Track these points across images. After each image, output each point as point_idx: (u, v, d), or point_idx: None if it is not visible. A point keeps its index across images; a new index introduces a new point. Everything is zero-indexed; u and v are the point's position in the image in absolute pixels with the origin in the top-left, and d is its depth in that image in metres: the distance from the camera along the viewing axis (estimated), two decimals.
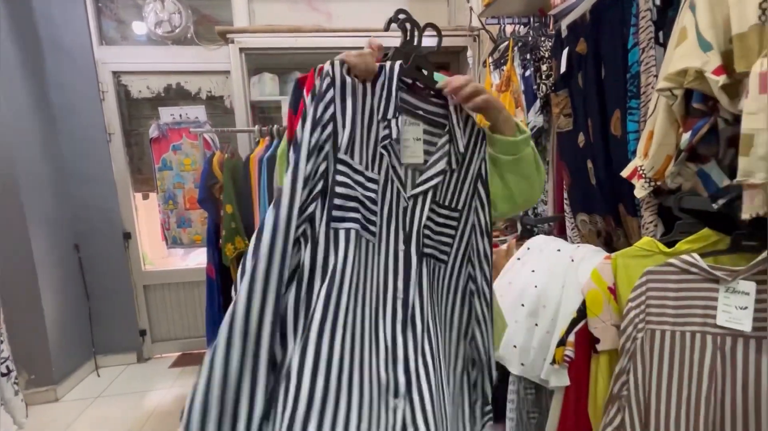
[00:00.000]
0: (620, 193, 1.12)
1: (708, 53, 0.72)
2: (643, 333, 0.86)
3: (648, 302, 0.88)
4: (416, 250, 0.70)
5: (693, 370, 0.79)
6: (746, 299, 0.75)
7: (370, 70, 0.64)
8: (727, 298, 0.78)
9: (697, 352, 0.78)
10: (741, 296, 0.76)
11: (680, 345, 0.81)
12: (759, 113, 0.60)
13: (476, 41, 2.31)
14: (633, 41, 1.00)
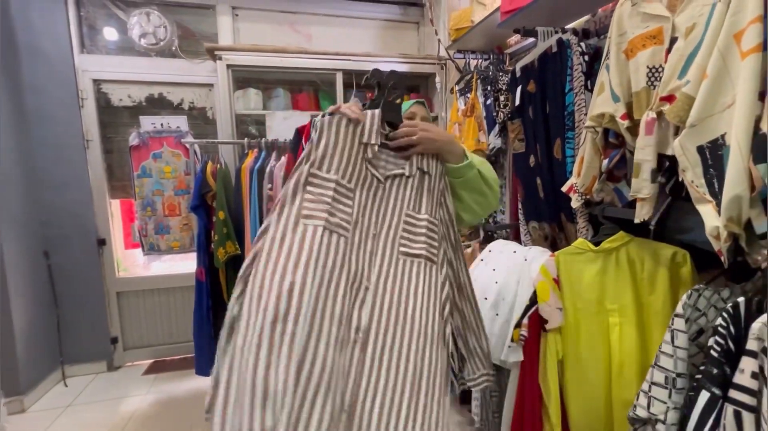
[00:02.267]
0: (561, 205, 1.40)
1: (617, 104, 1.00)
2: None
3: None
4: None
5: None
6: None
7: (359, 118, 0.85)
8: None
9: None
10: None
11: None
12: (645, 148, 0.87)
13: (443, 69, 2.60)
14: (569, 86, 1.28)
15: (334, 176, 0.82)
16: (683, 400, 0.79)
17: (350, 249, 0.81)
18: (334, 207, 0.81)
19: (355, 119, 0.84)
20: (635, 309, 1.14)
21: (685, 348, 0.79)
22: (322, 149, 0.82)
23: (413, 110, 1.16)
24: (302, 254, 0.74)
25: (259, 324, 0.69)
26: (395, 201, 0.89)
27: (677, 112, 0.79)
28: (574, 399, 1.25)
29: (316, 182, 0.81)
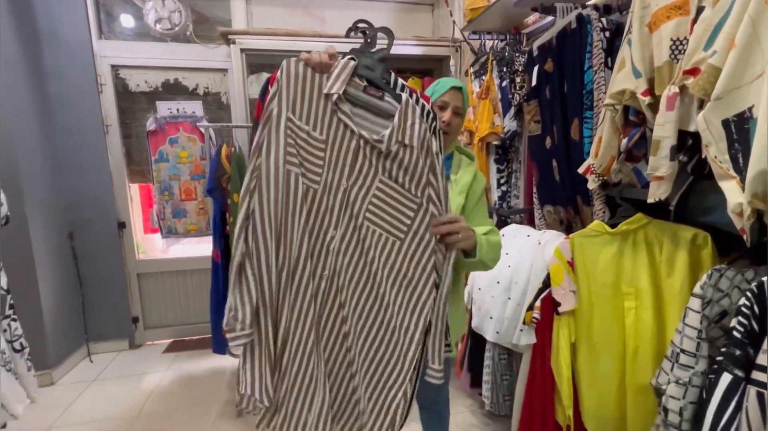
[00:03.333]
0: (578, 187, 1.37)
1: (638, 79, 0.96)
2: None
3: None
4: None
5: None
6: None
7: (324, 65, 0.81)
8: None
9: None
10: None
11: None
12: (666, 124, 0.84)
13: (458, 51, 2.54)
14: (588, 64, 1.24)
15: (306, 126, 0.84)
16: (688, 378, 0.78)
17: (319, 200, 0.86)
18: (305, 157, 0.85)
19: (317, 64, 0.81)
20: (652, 293, 1.12)
21: (694, 327, 0.78)
22: (292, 95, 0.82)
23: (446, 99, 1.09)
24: (289, 201, 0.84)
25: (269, 259, 0.85)
26: (370, 164, 0.86)
27: (702, 85, 0.76)
28: (586, 383, 1.24)
29: (292, 127, 0.83)
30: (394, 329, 0.90)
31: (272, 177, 0.83)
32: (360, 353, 0.91)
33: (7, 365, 1.48)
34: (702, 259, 1.04)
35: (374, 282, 0.89)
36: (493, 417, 1.83)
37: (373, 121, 0.86)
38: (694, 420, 0.78)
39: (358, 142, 0.85)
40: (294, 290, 0.87)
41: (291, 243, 0.85)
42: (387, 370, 0.91)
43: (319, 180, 0.86)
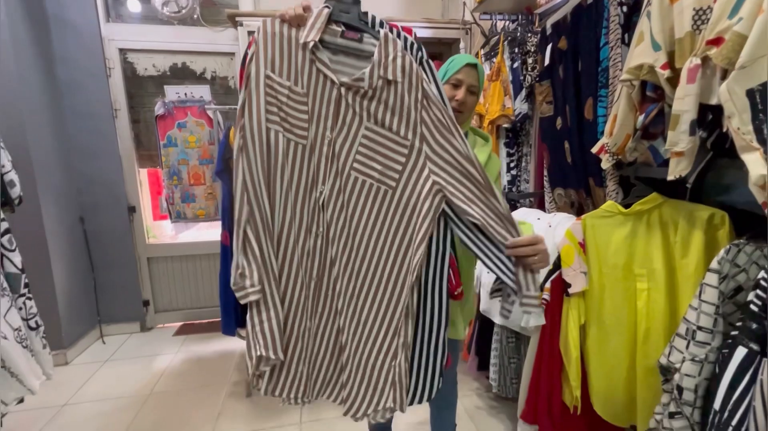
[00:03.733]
0: (590, 169, 1.34)
1: (658, 52, 0.93)
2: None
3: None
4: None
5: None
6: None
7: (299, 17, 0.81)
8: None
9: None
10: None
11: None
12: (685, 98, 0.81)
13: (468, 34, 2.49)
14: (604, 40, 1.21)
15: (286, 82, 0.83)
16: (704, 355, 0.77)
17: (307, 155, 0.86)
18: (288, 113, 0.84)
19: (292, 18, 0.81)
20: (665, 274, 1.10)
21: (712, 303, 0.76)
22: (270, 52, 0.82)
23: (460, 77, 1.03)
24: (271, 160, 0.84)
25: (265, 221, 0.86)
26: (354, 113, 0.84)
27: (726, 54, 0.73)
28: (595, 364, 1.24)
29: (272, 85, 0.83)
30: (385, 285, 0.88)
31: (255, 137, 0.83)
32: (350, 311, 0.90)
33: (24, 342, 1.52)
34: (718, 239, 1.02)
35: (366, 236, 0.87)
36: (500, 399, 1.84)
37: (354, 65, 0.84)
38: (705, 397, 0.78)
39: (339, 90, 0.83)
40: (284, 248, 0.88)
41: (275, 201, 0.86)
42: (377, 330, 0.89)
43: (306, 135, 0.85)
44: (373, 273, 0.89)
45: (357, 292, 0.90)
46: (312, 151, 0.86)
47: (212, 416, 1.78)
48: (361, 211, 0.87)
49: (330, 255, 0.89)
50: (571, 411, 1.28)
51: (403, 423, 1.70)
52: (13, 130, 1.98)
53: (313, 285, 0.90)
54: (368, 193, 0.86)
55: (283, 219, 0.87)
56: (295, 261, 0.89)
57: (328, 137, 0.85)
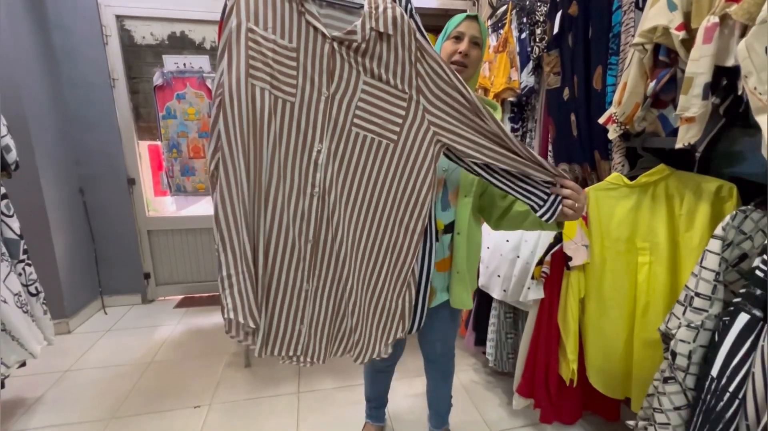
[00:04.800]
0: (596, 141, 1.31)
1: (673, 12, 0.89)
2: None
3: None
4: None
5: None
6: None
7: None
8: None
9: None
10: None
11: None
12: (700, 59, 0.78)
13: (475, 5, 2.41)
14: (617, 4, 1.16)
15: (272, 35, 0.79)
16: (701, 321, 0.75)
17: (297, 113, 0.82)
18: (275, 69, 0.79)
19: None
20: (668, 248, 1.09)
21: (712, 269, 0.75)
22: (252, 3, 0.77)
23: (461, 29, 1.00)
24: (256, 118, 0.80)
25: (231, 178, 0.81)
26: (351, 67, 0.82)
27: (747, 8, 0.69)
28: (593, 337, 1.23)
29: (255, 39, 0.78)
30: (392, 233, 0.89)
31: (234, 93, 0.78)
32: (357, 266, 0.91)
33: (24, 307, 1.53)
34: (725, 212, 1.00)
35: (369, 190, 0.87)
36: (496, 374, 1.85)
37: (343, 19, 0.82)
38: (701, 364, 0.77)
39: (332, 45, 0.81)
40: (272, 208, 0.85)
41: (261, 161, 0.82)
42: (384, 276, 0.92)
43: (295, 92, 0.81)
44: (378, 224, 0.89)
45: (362, 246, 0.90)
46: (303, 108, 0.82)
47: (211, 385, 1.81)
48: (363, 167, 0.86)
49: (327, 215, 0.87)
50: (567, 384, 1.29)
51: (401, 395, 1.72)
52: (9, 98, 1.95)
53: (309, 247, 0.88)
54: (370, 148, 0.85)
55: (269, 178, 0.83)
56: (284, 223, 0.85)
57: (325, 93, 0.82)
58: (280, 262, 0.87)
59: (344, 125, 0.84)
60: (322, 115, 0.83)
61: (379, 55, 0.81)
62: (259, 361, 1.98)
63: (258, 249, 0.85)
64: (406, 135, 0.85)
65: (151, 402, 1.68)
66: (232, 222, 0.82)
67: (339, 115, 0.83)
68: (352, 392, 1.75)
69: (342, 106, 0.83)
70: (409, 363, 1.89)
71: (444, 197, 1.03)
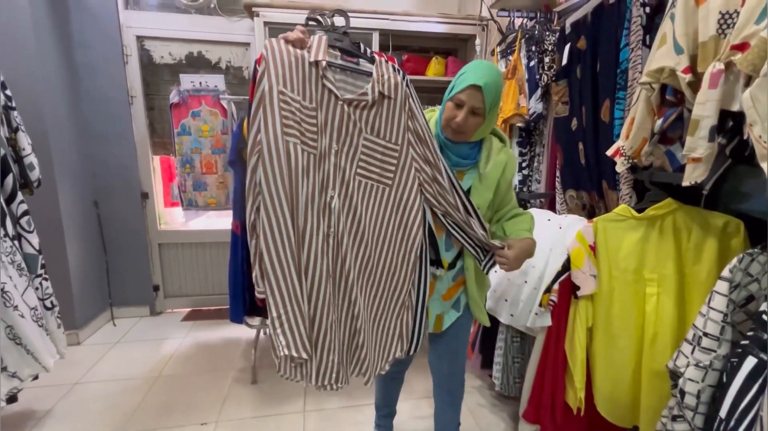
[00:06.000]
0: (604, 171, 1.33)
1: (680, 56, 0.92)
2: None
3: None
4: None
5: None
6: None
7: (301, 40, 0.93)
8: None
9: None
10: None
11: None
12: (706, 103, 0.80)
13: (484, 31, 2.47)
14: (625, 41, 1.19)
15: (297, 96, 0.91)
16: (709, 361, 0.77)
17: (318, 164, 0.95)
18: (303, 126, 0.92)
19: (296, 40, 0.91)
20: (676, 280, 1.10)
21: (720, 310, 0.76)
22: (281, 69, 0.89)
23: (462, 97, 0.99)
24: (291, 170, 0.92)
25: (275, 225, 0.94)
26: (355, 125, 0.97)
27: (751, 60, 0.72)
28: (601, 367, 1.24)
29: (285, 99, 0.90)
30: (391, 262, 1.04)
31: (273, 149, 0.89)
32: (362, 294, 1.03)
33: (39, 321, 1.56)
34: (732, 248, 1.01)
35: (371, 227, 1.02)
36: (501, 398, 1.85)
37: (353, 84, 0.97)
38: (710, 403, 0.78)
39: (343, 106, 0.95)
40: (307, 249, 0.97)
41: (298, 207, 0.94)
42: (385, 301, 1.07)
43: (316, 146, 0.95)
44: (379, 256, 1.04)
45: (368, 277, 1.04)
46: (322, 159, 0.96)
47: (218, 400, 1.82)
48: (365, 208, 1.01)
49: (342, 253, 0.99)
50: (574, 412, 1.29)
51: (407, 416, 1.72)
52: (32, 113, 2.02)
53: (330, 281, 0.98)
54: (370, 192, 1.01)
55: (305, 223, 0.95)
56: (317, 261, 0.97)
57: (335, 148, 0.96)
58: (316, 298, 0.99)
59: (350, 174, 0.98)
60: (333, 166, 0.96)
61: (380, 113, 0.98)
62: (265, 378, 1.99)
63: (303, 286, 0.97)
64: (399, 179, 1.02)
65: (159, 418, 1.70)
66: (278, 266, 0.94)
67: (346, 165, 0.98)
68: (357, 412, 1.75)
69: (348, 158, 0.98)
70: (414, 384, 1.90)
71: (447, 240, 1.13)
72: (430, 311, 1.17)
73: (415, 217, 1.03)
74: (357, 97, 0.95)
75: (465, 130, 1.02)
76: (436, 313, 1.18)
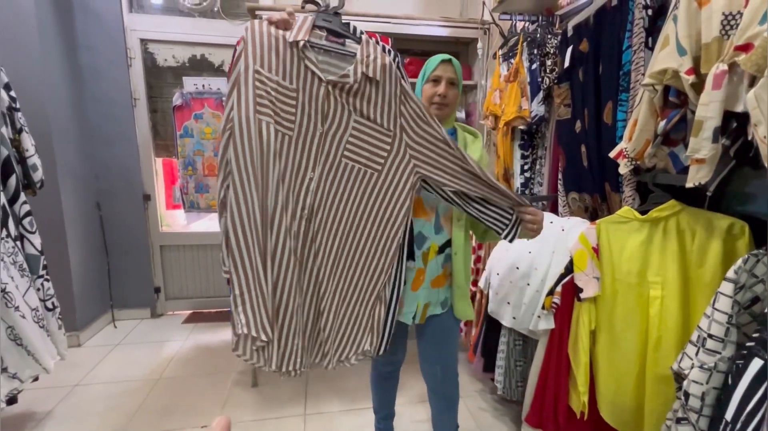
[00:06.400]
0: (607, 173, 1.33)
1: (683, 57, 0.92)
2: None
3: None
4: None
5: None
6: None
7: (285, 21, 0.91)
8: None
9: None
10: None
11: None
12: (710, 104, 0.80)
13: (486, 34, 2.48)
14: (627, 44, 1.19)
15: (275, 77, 0.89)
16: (714, 363, 0.76)
17: (294, 145, 0.93)
18: (277, 106, 0.90)
19: (279, 21, 0.90)
20: (680, 283, 1.09)
21: (725, 312, 0.75)
22: (259, 50, 0.88)
23: (438, 73, 1.11)
24: (263, 149, 0.90)
25: (243, 204, 0.92)
26: (343, 106, 0.94)
27: (755, 60, 0.72)
28: (605, 370, 1.23)
29: (261, 79, 0.89)
30: (370, 251, 1.01)
31: (245, 127, 0.88)
32: (333, 277, 1.00)
33: (40, 322, 1.56)
34: (737, 249, 1.00)
35: (352, 212, 0.99)
36: (504, 402, 1.83)
37: (337, 65, 0.94)
38: (715, 406, 0.77)
39: (327, 87, 0.92)
40: (276, 231, 0.94)
41: (268, 187, 0.92)
42: (360, 291, 1.03)
43: (293, 126, 0.92)
44: (357, 243, 1.00)
45: (341, 262, 1.01)
46: (299, 141, 0.93)
47: (219, 403, 1.81)
48: (350, 192, 0.98)
49: (311, 235, 0.97)
50: (578, 416, 1.28)
51: (407, 421, 1.71)
52: (36, 115, 2.03)
53: (298, 264, 0.97)
54: (356, 176, 0.97)
55: (275, 204, 0.93)
56: (286, 244, 0.95)
57: (320, 130, 0.94)
58: (283, 280, 0.97)
59: (335, 156, 0.95)
60: (316, 147, 0.94)
61: (369, 97, 0.94)
62: (265, 381, 1.98)
63: (267, 268, 0.95)
64: (389, 166, 0.98)
65: (159, 420, 1.69)
66: (243, 244, 0.92)
67: (331, 148, 0.95)
68: (358, 415, 1.74)
69: (334, 140, 0.95)
70: (409, 389, 1.88)
71: (437, 222, 1.14)
72: (419, 302, 1.17)
73: (401, 206, 0.99)
74: (338, 79, 0.91)
75: (449, 101, 1.12)
76: (423, 302, 1.18)
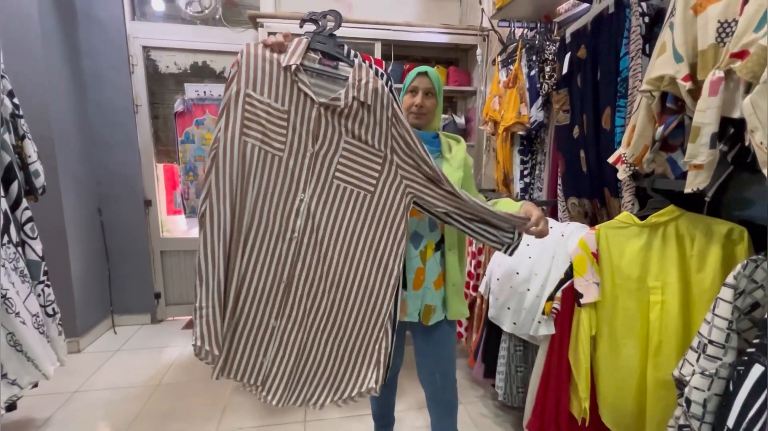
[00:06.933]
0: (606, 179, 1.33)
1: (680, 64, 0.93)
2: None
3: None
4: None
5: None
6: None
7: (280, 44, 0.92)
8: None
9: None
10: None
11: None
12: (707, 111, 0.81)
13: (485, 41, 2.50)
14: (624, 50, 1.20)
15: (267, 99, 0.92)
16: (715, 369, 0.76)
17: (284, 166, 0.94)
18: (267, 127, 0.92)
19: (274, 44, 0.92)
20: (680, 288, 1.09)
21: (725, 318, 0.75)
22: (252, 73, 0.90)
23: (415, 84, 1.16)
24: (245, 170, 0.92)
25: (216, 220, 0.92)
26: (334, 128, 0.95)
27: (751, 67, 0.72)
28: (605, 375, 1.22)
29: (252, 102, 0.91)
30: (370, 276, 0.98)
31: (228, 148, 0.90)
32: (328, 306, 0.98)
33: (41, 328, 1.56)
34: (736, 255, 1.01)
35: (347, 235, 0.98)
36: (505, 408, 1.82)
37: (330, 89, 0.95)
38: (717, 412, 0.76)
39: (319, 109, 0.94)
40: (249, 250, 0.95)
41: (244, 207, 0.93)
42: (362, 320, 1.00)
43: (284, 147, 0.94)
44: (357, 267, 0.98)
45: (340, 289, 0.99)
46: (290, 161, 0.94)
47: (218, 409, 1.80)
48: (343, 214, 0.97)
49: (302, 259, 0.97)
50: (579, 422, 1.27)
51: (407, 427, 1.70)
52: (39, 121, 2.04)
53: (282, 287, 0.97)
54: (349, 198, 0.97)
55: (251, 223, 0.94)
56: (260, 264, 0.95)
57: (311, 150, 0.95)
58: (251, 299, 0.97)
59: (327, 177, 0.96)
60: (307, 168, 0.95)
61: (360, 119, 0.94)
62: None
63: (231, 285, 0.96)
64: (382, 187, 0.98)
65: (159, 427, 1.68)
66: (210, 260, 0.93)
67: (322, 169, 0.96)
68: (359, 422, 1.73)
69: (325, 161, 0.95)
70: (409, 395, 1.88)
71: (430, 219, 1.13)
72: (423, 302, 1.16)
73: (399, 226, 0.98)
74: (329, 102, 0.93)
75: (426, 111, 1.17)
76: (428, 303, 1.16)
